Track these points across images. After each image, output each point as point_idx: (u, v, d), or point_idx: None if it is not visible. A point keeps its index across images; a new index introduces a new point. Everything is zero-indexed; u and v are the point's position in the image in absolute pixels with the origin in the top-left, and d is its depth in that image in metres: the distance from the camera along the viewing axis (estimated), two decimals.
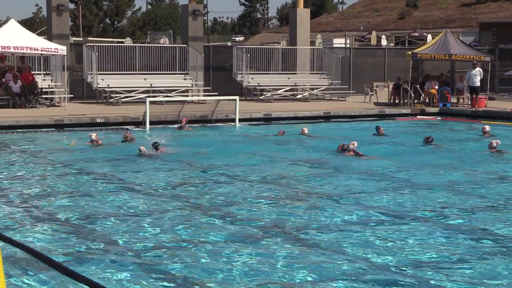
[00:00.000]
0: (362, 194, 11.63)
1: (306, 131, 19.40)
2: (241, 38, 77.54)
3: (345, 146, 15.87)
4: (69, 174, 13.57)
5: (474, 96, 25.94)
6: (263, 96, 28.64)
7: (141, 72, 27.72)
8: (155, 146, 15.52)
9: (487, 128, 19.31)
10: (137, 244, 8.44)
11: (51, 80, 25.80)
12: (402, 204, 10.83)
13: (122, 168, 14.17)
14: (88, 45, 27.69)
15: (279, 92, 29.49)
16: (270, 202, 10.98)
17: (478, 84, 25.83)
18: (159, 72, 28.08)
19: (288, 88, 29.86)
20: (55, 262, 3.65)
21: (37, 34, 28.82)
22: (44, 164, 14.79)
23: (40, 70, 25.86)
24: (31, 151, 16.49)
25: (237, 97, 22.22)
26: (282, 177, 13.37)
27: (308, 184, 12.88)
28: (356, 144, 15.62)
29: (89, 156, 15.66)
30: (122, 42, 37.79)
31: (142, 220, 9.67)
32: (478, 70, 25.95)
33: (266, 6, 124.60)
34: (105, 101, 26.18)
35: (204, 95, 26.74)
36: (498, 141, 16.42)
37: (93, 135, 17.12)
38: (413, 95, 26.71)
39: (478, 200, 11.29)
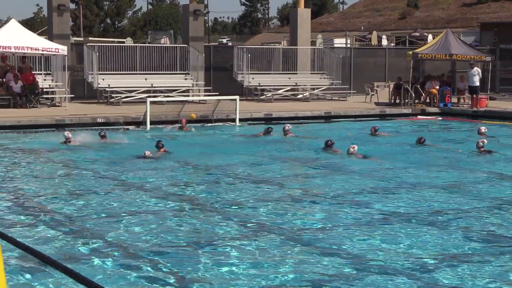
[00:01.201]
0: (358, 194, 11.63)
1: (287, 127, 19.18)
2: (227, 40, 76.70)
3: (330, 142, 16.05)
4: (70, 174, 13.59)
5: (474, 96, 25.91)
6: (264, 96, 28.64)
7: (142, 72, 27.72)
8: (159, 145, 15.48)
9: (483, 129, 19.15)
10: (137, 244, 8.45)
11: (52, 80, 25.79)
12: (397, 204, 10.84)
13: (123, 168, 14.18)
14: (89, 45, 27.70)
15: (279, 92, 29.48)
16: (269, 202, 10.99)
17: (477, 84, 25.81)
18: (160, 72, 28.08)
19: (288, 88, 29.84)
20: (55, 261, 3.64)
21: (38, 34, 28.82)
22: (44, 164, 14.81)
23: (41, 70, 25.86)
24: (32, 151, 16.48)
25: (237, 97, 22.23)
26: (281, 177, 13.38)
27: (305, 184, 12.90)
28: (356, 147, 15.56)
29: (89, 156, 15.68)
30: (123, 42, 37.80)
31: (142, 220, 9.68)
32: (476, 70, 25.93)
33: (266, 6, 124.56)
34: (106, 101, 26.18)
35: (204, 95, 26.74)
36: (485, 140, 16.47)
37: (69, 134, 17.17)
38: (413, 95, 26.71)
39: (467, 200, 11.31)
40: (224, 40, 73.41)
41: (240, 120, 22.10)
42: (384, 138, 19.20)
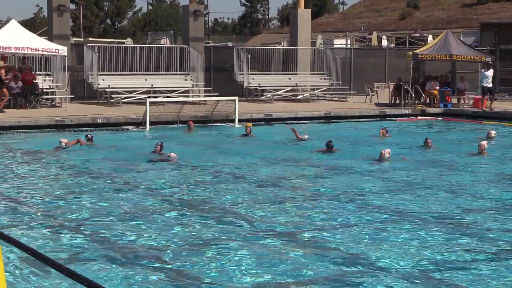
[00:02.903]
0: (361, 195, 11.63)
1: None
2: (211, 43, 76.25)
3: (332, 143, 16.08)
4: (69, 174, 13.58)
5: (486, 96, 25.62)
6: (264, 97, 28.64)
7: (142, 72, 27.73)
8: (160, 145, 15.45)
9: (493, 133, 18.96)
10: (137, 244, 8.44)
11: (52, 80, 25.78)
12: (401, 205, 10.84)
13: (122, 168, 14.17)
14: (89, 46, 27.69)
15: (280, 92, 29.49)
16: (269, 202, 10.99)
17: (491, 85, 25.71)
18: (160, 72, 28.10)
19: (289, 88, 29.86)
20: (55, 262, 3.64)
21: (38, 35, 28.80)
22: (44, 165, 14.80)
23: (41, 71, 25.86)
24: (31, 152, 16.46)
25: (236, 98, 22.22)
26: (282, 177, 13.37)
27: (307, 184, 12.88)
28: (390, 151, 15.00)
29: (88, 156, 15.65)
30: (123, 43, 37.80)
31: (142, 220, 9.67)
32: (491, 71, 25.84)
33: (266, 6, 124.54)
34: (105, 101, 26.18)
35: (204, 96, 26.74)
36: (486, 141, 16.39)
37: (64, 141, 16.55)
38: (414, 95, 26.71)
39: (468, 201, 11.31)
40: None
41: (240, 121, 22.08)
42: (391, 139, 19.07)
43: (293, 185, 12.71)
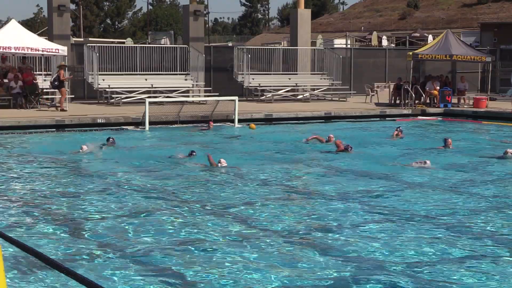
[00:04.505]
0: (364, 195, 11.62)
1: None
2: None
3: (349, 147, 16.08)
4: (69, 175, 13.57)
5: None
6: (264, 97, 28.64)
7: (142, 72, 27.73)
8: (191, 153, 15.34)
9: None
10: (137, 245, 8.44)
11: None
12: (406, 205, 10.83)
13: (122, 168, 14.17)
14: (89, 46, 27.68)
15: (280, 92, 29.50)
16: (269, 202, 10.99)
17: None
18: (160, 72, 28.09)
19: (289, 88, 29.87)
20: (55, 262, 3.64)
21: (38, 35, 28.81)
22: (44, 165, 14.78)
23: (41, 71, 25.85)
24: (31, 152, 16.45)
25: (236, 97, 22.22)
26: (284, 177, 13.37)
27: (309, 184, 12.88)
28: (429, 162, 14.53)
29: (89, 157, 15.65)
30: (123, 43, 37.79)
31: (142, 220, 9.67)
32: None
33: (267, 6, 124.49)
34: (106, 101, 26.18)
35: (205, 96, 26.75)
36: None
37: (84, 147, 16.19)
38: (414, 95, 26.71)
39: (485, 203, 11.30)
40: None
41: (240, 121, 22.08)
42: (403, 140, 18.95)
43: (297, 185, 12.70)
